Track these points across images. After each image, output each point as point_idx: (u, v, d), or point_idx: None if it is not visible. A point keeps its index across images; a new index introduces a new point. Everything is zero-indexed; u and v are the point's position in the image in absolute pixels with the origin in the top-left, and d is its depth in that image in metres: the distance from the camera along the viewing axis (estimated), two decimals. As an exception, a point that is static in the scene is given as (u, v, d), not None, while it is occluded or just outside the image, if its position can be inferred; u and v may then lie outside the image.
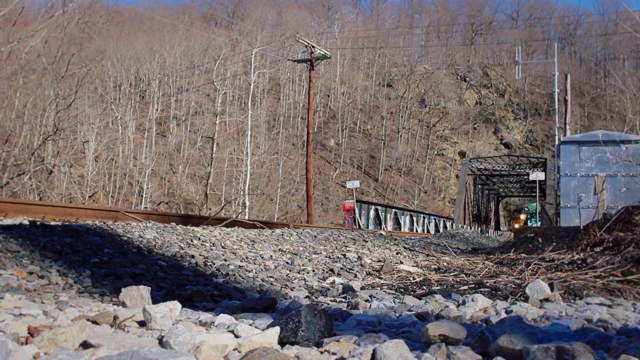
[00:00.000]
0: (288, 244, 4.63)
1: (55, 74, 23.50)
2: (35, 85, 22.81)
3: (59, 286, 2.27)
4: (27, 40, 20.53)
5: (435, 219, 26.69)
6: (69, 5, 23.36)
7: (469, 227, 29.93)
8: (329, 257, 4.33)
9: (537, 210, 36.29)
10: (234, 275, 3.10)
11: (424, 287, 3.21)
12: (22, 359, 1.16)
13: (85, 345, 1.29)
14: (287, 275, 3.42)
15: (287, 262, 3.82)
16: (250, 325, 1.72)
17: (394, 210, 22.05)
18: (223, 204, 29.49)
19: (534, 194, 36.69)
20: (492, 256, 5.00)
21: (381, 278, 3.69)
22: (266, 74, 49.28)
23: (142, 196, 28.99)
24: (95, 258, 2.80)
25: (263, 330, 1.51)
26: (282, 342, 1.46)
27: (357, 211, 17.64)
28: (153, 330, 1.52)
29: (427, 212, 30.21)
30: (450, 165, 55.88)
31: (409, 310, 2.28)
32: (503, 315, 2.19)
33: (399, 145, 53.02)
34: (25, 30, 20.95)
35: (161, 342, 1.36)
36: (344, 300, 2.68)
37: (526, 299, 2.62)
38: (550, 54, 34.80)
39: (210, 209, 28.10)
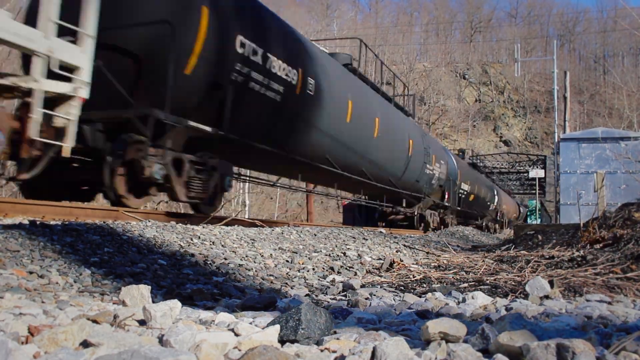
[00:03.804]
0: (288, 242, 4.64)
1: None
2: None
3: (59, 285, 2.27)
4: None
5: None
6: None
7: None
8: (329, 255, 4.33)
9: (537, 208, 36.37)
10: (234, 273, 3.10)
11: (424, 285, 3.21)
12: (22, 358, 1.16)
13: (85, 344, 1.29)
14: (287, 273, 3.42)
15: (287, 261, 3.82)
16: (251, 323, 1.72)
17: None
18: (223, 203, 29.43)
19: (534, 192, 36.76)
20: (491, 254, 5.00)
21: (381, 276, 3.69)
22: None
23: (141, 195, 29.00)
24: (95, 257, 2.80)
25: (263, 328, 1.51)
26: (282, 341, 1.46)
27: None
28: (153, 329, 1.53)
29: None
30: (450, 163, 55.90)
31: (409, 308, 2.28)
32: (503, 312, 2.19)
33: (399, 143, 53.00)
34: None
35: (161, 341, 1.36)
36: (344, 298, 2.69)
37: (526, 296, 2.63)
38: (549, 51, 34.81)
39: (210, 208, 28.01)
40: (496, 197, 26.67)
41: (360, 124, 9.86)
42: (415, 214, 14.57)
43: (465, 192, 19.64)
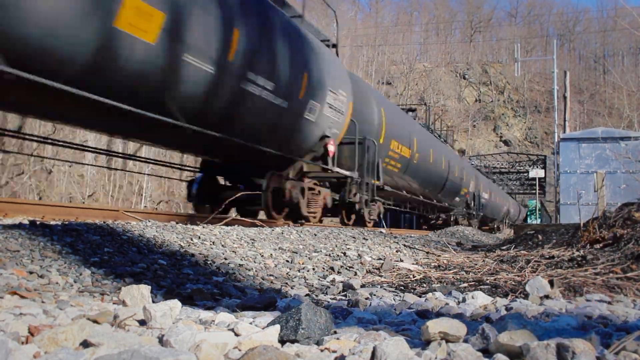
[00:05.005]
0: (288, 242, 4.63)
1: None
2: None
3: (59, 285, 2.27)
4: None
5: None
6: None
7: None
8: (329, 255, 4.33)
9: (537, 208, 36.36)
10: (234, 273, 3.10)
11: (424, 285, 3.21)
12: (22, 358, 1.16)
13: (85, 344, 1.29)
14: (287, 273, 3.42)
15: (287, 261, 3.82)
16: (251, 323, 1.72)
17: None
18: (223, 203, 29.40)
19: (534, 191, 36.74)
20: (492, 253, 5.00)
21: (381, 276, 3.69)
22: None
23: (141, 195, 28.98)
24: (95, 257, 2.80)
25: (263, 328, 1.51)
26: (282, 341, 1.46)
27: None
28: (153, 329, 1.53)
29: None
30: (450, 162, 55.90)
31: (409, 308, 2.28)
32: (503, 312, 2.19)
33: (399, 143, 53.01)
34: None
35: (161, 341, 1.36)
36: (344, 298, 2.69)
37: (526, 296, 2.62)
38: (549, 51, 34.80)
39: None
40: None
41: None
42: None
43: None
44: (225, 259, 3.44)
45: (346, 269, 3.88)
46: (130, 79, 4.73)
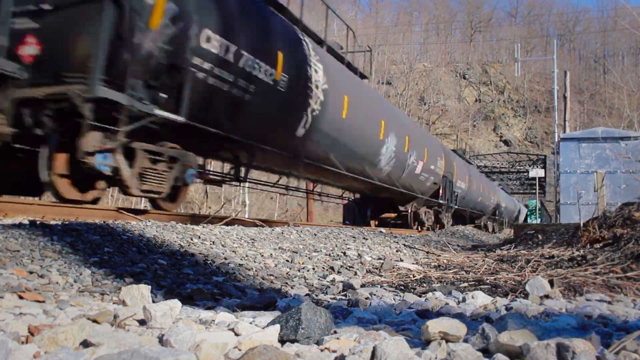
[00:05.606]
0: (288, 242, 4.63)
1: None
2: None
3: (59, 285, 2.27)
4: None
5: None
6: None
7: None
8: (329, 255, 4.33)
9: (537, 207, 36.36)
10: (234, 273, 3.10)
11: (424, 285, 3.21)
12: (22, 358, 1.16)
13: (85, 344, 1.29)
14: (287, 273, 3.42)
15: (287, 260, 3.82)
16: (251, 323, 1.72)
17: None
18: (223, 203, 29.54)
19: (534, 191, 36.74)
20: (492, 253, 5.00)
21: (381, 276, 3.69)
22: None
23: (141, 195, 28.94)
24: (95, 257, 2.80)
25: (263, 328, 1.51)
26: (282, 340, 1.46)
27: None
28: (153, 329, 1.53)
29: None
30: (450, 162, 55.93)
31: (409, 308, 2.28)
32: (503, 312, 2.19)
33: (399, 143, 53.02)
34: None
35: (161, 341, 1.36)
36: (344, 297, 2.69)
37: (526, 295, 2.62)
38: (550, 51, 34.78)
39: (210, 208, 28.16)
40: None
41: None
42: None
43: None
44: (225, 258, 3.44)
45: (346, 268, 3.88)
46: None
